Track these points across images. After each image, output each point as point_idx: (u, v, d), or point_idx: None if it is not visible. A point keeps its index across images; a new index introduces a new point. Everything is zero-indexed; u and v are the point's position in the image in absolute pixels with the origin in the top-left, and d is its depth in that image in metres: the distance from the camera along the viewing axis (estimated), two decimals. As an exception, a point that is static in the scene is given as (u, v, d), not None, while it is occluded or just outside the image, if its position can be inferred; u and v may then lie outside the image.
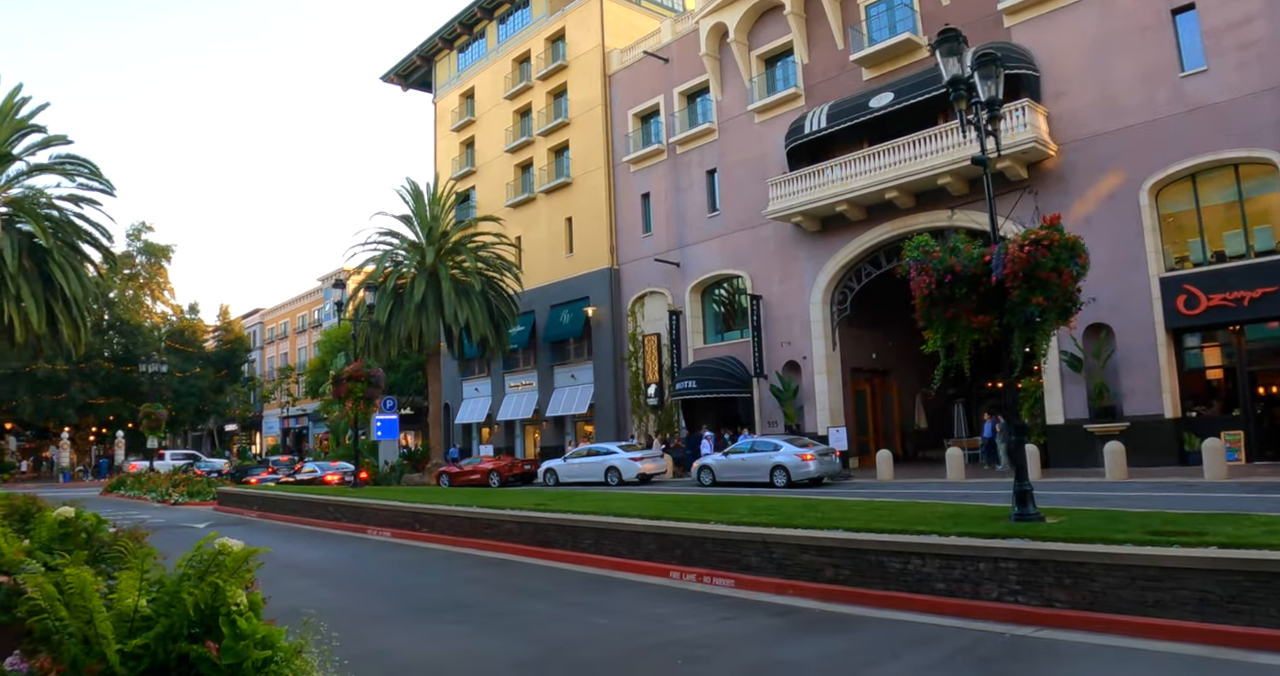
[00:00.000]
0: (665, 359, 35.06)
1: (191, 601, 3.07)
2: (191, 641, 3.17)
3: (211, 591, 3.15)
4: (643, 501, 15.01)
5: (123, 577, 3.30)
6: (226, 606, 3.20)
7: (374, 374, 23.42)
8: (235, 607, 3.23)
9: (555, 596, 9.99)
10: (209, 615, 3.19)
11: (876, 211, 28.59)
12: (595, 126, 39.42)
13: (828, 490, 22.00)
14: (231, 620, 3.21)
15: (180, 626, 3.10)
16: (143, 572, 3.25)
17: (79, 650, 3.06)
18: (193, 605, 3.07)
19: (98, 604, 3.03)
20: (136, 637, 3.07)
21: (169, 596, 3.23)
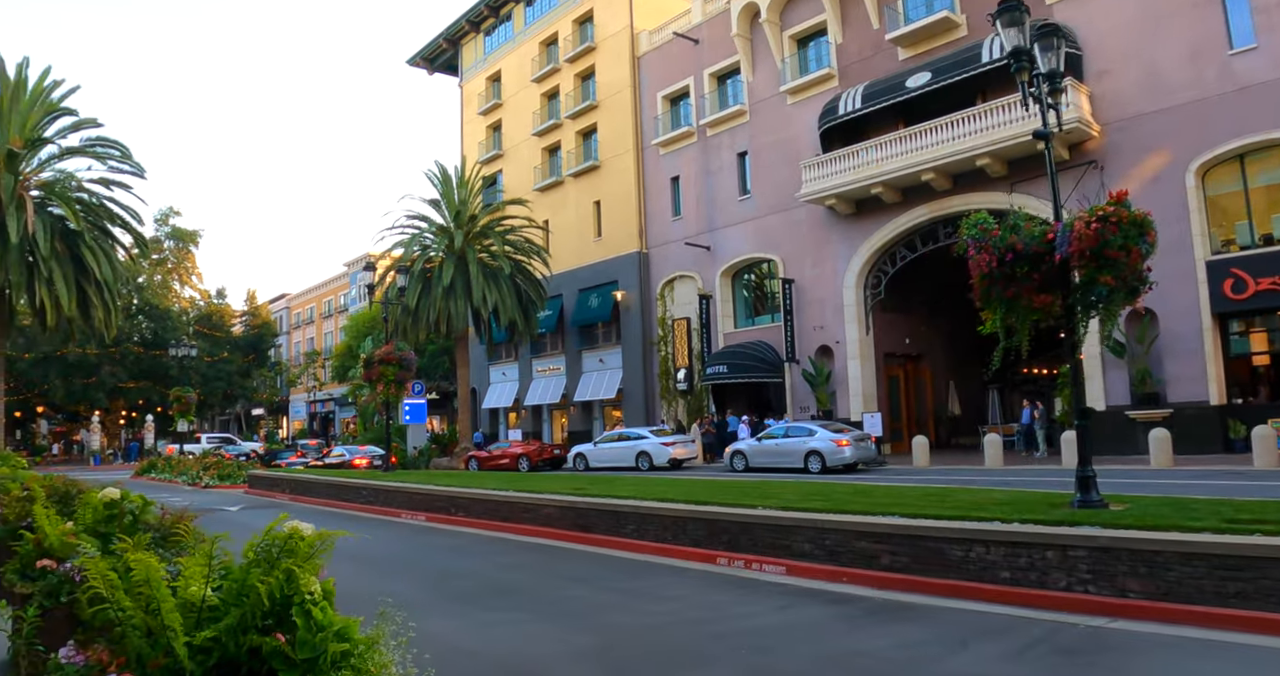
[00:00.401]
0: (695, 343, 34.73)
1: (265, 590, 2.79)
2: (262, 633, 2.90)
3: (285, 579, 2.87)
4: (684, 486, 14.72)
5: (187, 563, 3.03)
6: (300, 595, 2.93)
7: (406, 357, 23.24)
8: (309, 596, 2.96)
9: (602, 582, 9.72)
10: (281, 605, 2.91)
11: (912, 194, 28.08)
12: (624, 109, 38.99)
13: (864, 476, 21.65)
14: (306, 610, 2.93)
15: (252, 617, 2.83)
16: (210, 559, 2.98)
17: (142, 643, 2.80)
18: (266, 594, 2.80)
19: (165, 593, 2.76)
20: (205, 629, 2.80)
21: (237, 584, 2.96)
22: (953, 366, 34.25)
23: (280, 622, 2.97)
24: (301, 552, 2.96)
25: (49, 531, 5.43)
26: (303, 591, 2.94)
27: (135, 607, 2.78)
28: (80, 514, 5.69)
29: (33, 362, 53.45)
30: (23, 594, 5.19)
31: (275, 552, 3.01)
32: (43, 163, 29.21)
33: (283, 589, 2.87)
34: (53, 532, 5.45)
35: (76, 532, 5.52)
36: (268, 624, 2.89)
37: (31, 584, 5.23)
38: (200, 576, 2.94)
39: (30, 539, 5.57)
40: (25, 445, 56.15)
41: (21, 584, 5.26)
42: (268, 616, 2.88)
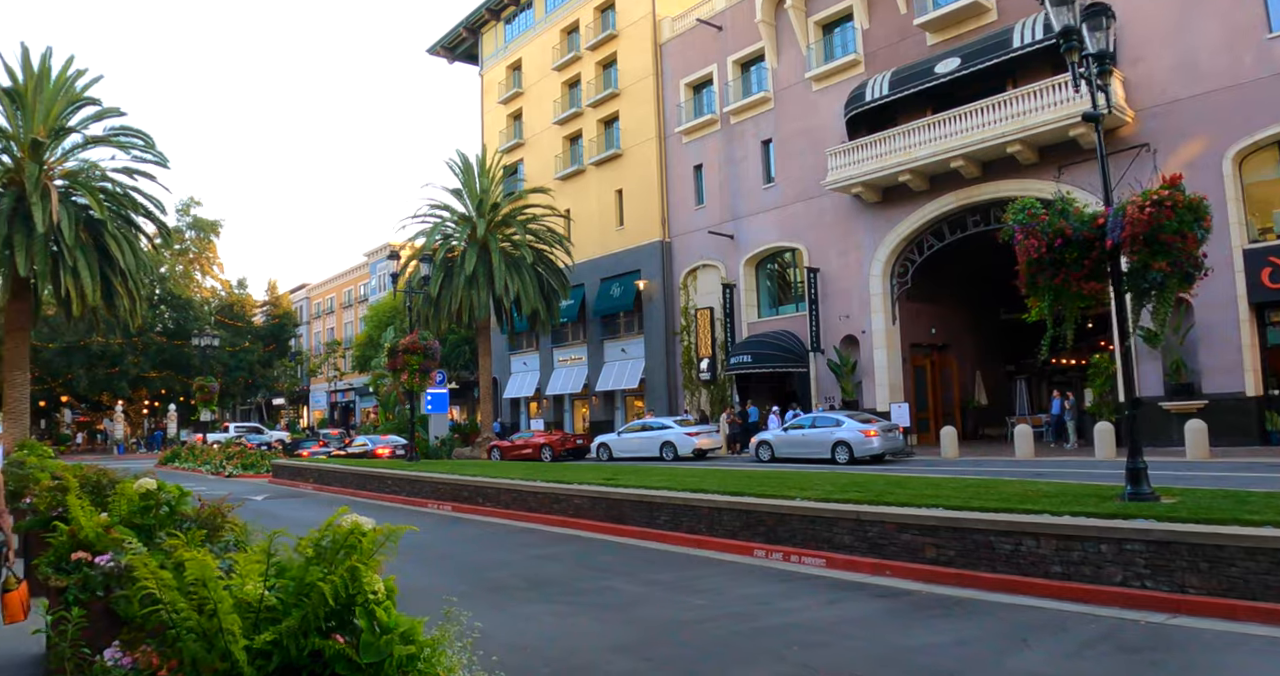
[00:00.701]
0: (718, 333, 34.47)
1: (330, 589, 2.58)
2: (322, 635, 2.70)
3: (349, 577, 2.66)
4: (715, 477, 14.50)
5: (241, 560, 2.83)
6: (364, 595, 2.72)
7: (430, 346, 23.09)
8: (372, 596, 2.75)
9: (639, 574, 9.51)
10: (343, 606, 2.71)
11: (941, 181, 27.69)
12: (646, 97, 38.67)
13: (892, 467, 21.36)
14: (370, 611, 2.73)
15: (314, 618, 2.62)
16: (269, 555, 2.77)
17: (198, 647, 2.59)
18: (331, 593, 2.59)
19: (223, 595, 2.56)
20: (264, 632, 2.60)
21: (295, 583, 2.75)
22: (979, 356, 33.85)
23: (341, 624, 2.77)
24: (365, 549, 2.75)
25: (84, 523, 5.26)
26: (366, 590, 2.74)
27: (190, 609, 2.58)
28: (115, 505, 5.52)
29: (57, 352, 53.73)
30: (57, 587, 5.03)
31: (336, 549, 2.80)
32: (66, 152, 29.15)
33: (346, 588, 2.66)
34: (88, 524, 5.28)
35: (112, 524, 5.36)
36: (330, 625, 2.69)
37: (66, 577, 5.06)
38: (257, 574, 2.73)
39: (64, 530, 5.41)
40: (50, 434, 56.55)
41: (56, 577, 5.10)
42: (330, 618, 2.67)
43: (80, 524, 5.28)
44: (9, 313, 28.25)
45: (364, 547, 2.75)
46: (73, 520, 5.38)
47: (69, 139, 28.95)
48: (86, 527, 5.23)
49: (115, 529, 5.21)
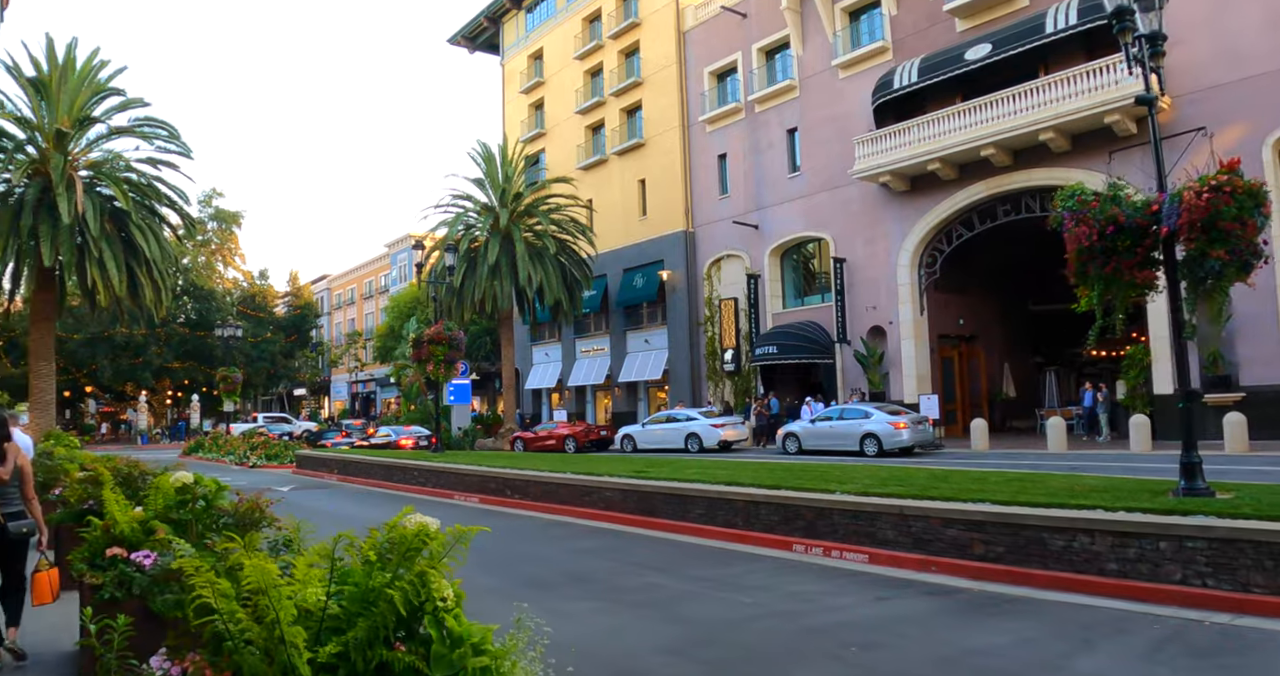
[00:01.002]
0: (743, 324, 34.17)
1: (400, 597, 2.37)
2: (388, 646, 2.48)
3: (419, 583, 2.45)
4: (748, 469, 14.25)
5: (300, 564, 2.61)
6: (433, 602, 2.50)
7: (455, 336, 22.93)
8: (442, 603, 2.54)
9: (678, 570, 9.29)
10: (411, 613, 2.49)
11: (970, 170, 27.26)
12: (669, 86, 38.33)
13: (922, 460, 21.06)
14: (439, 619, 2.51)
15: (383, 628, 2.41)
16: (333, 560, 2.55)
17: (256, 659, 2.38)
18: (402, 601, 2.37)
19: (286, 604, 2.35)
20: (328, 643, 2.38)
21: (359, 590, 2.54)
22: (1007, 348, 33.41)
23: (409, 634, 2.55)
24: (435, 552, 2.53)
25: (119, 518, 5.08)
26: (435, 597, 2.52)
27: (249, 619, 2.36)
28: (150, 499, 5.35)
29: (81, 343, 54.02)
30: (92, 584, 4.85)
31: (402, 551, 2.58)
32: (91, 143, 29.10)
33: (416, 595, 2.44)
34: (123, 519, 5.11)
35: (148, 519, 5.18)
36: (400, 635, 2.47)
37: (101, 573, 4.89)
38: (317, 580, 2.52)
39: (99, 525, 5.24)
40: (75, 424, 56.91)
41: (91, 573, 4.92)
42: (399, 627, 2.46)
43: (115, 519, 5.10)
44: (34, 303, 28.30)
45: (434, 550, 2.53)
46: (107, 515, 5.21)
47: (93, 130, 28.91)
48: (122, 523, 5.05)
49: (151, 524, 5.03)
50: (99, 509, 7.68)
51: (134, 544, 4.98)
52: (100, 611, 4.74)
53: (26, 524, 6.23)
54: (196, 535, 5.24)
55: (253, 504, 5.31)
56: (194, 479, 5.30)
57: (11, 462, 6.16)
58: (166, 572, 4.06)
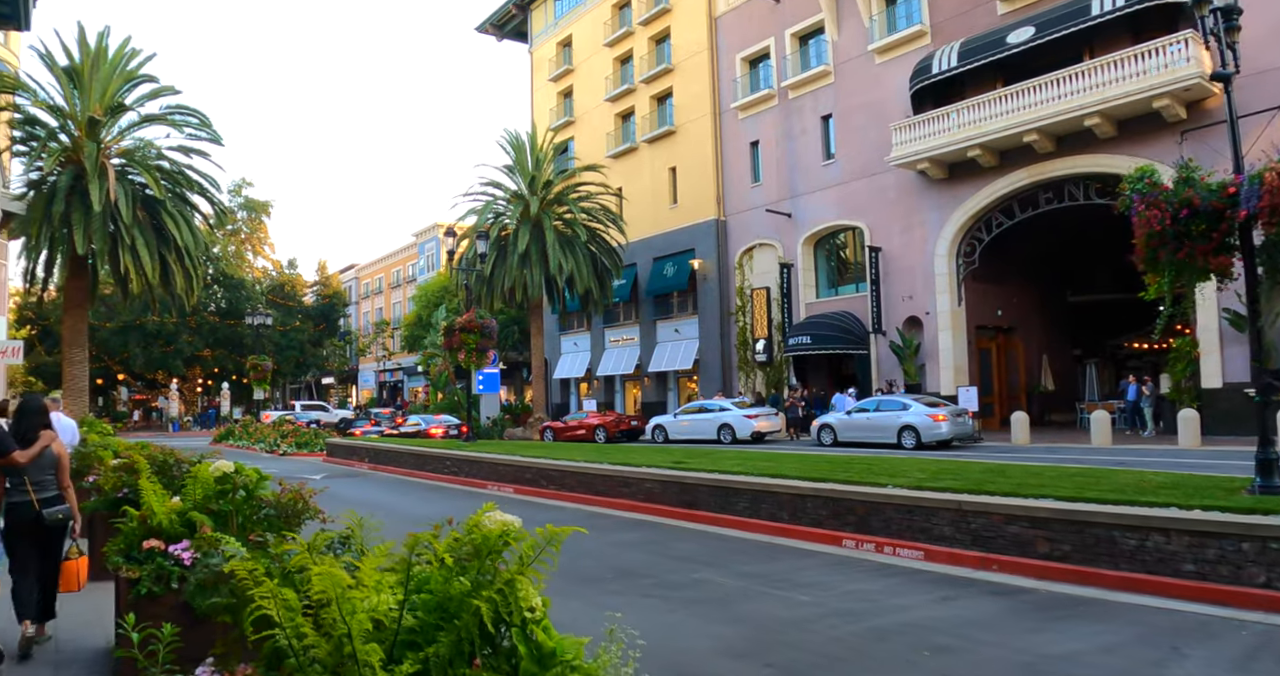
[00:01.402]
0: (775, 313, 33.72)
1: (488, 609, 2.04)
2: (468, 663, 2.15)
3: (507, 592, 2.12)
4: (792, 461, 13.87)
5: (366, 567, 2.29)
6: (520, 613, 2.17)
7: (487, 324, 22.66)
8: (530, 614, 2.21)
9: (728, 565, 8.94)
10: (495, 625, 2.16)
11: (1011, 157, 26.66)
12: (700, 72, 37.84)
13: (962, 453, 20.58)
14: (528, 633, 2.18)
15: (465, 643, 2.08)
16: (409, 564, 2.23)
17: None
18: (489, 613, 2.04)
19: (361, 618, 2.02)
20: (404, 661, 2.06)
21: (437, 598, 2.21)
22: (1045, 339, 32.75)
23: (492, 647, 2.22)
24: (523, 555, 2.20)
25: (157, 509, 4.81)
26: (523, 608, 2.18)
27: (317, 634, 2.04)
28: (189, 488, 5.07)
29: (114, 331, 54.36)
30: (129, 578, 4.58)
31: (482, 555, 2.25)
32: (123, 130, 29.05)
33: (505, 605, 2.11)
34: (160, 510, 4.82)
35: (186, 510, 4.90)
36: (483, 652, 2.14)
37: (138, 567, 4.61)
38: (390, 586, 2.19)
39: (135, 516, 4.96)
40: (107, 412, 57.32)
41: (128, 566, 4.65)
42: (484, 641, 2.13)
43: (153, 509, 4.83)
44: (68, 291, 28.35)
45: (522, 553, 2.20)
46: (144, 505, 4.93)
47: (125, 117, 28.84)
48: (159, 514, 4.78)
49: (191, 515, 4.74)
50: (134, 498, 7.44)
51: (172, 536, 4.71)
52: (137, 609, 4.47)
53: (62, 510, 6.20)
54: (237, 527, 4.96)
55: (295, 494, 5.02)
56: (234, 468, 5.02)
57: (38, 448, 6.14)
58: (216, 576, 3.76)
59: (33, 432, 6.23)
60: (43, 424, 6.34)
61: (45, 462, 6.23)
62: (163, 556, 4.60)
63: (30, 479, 6.07)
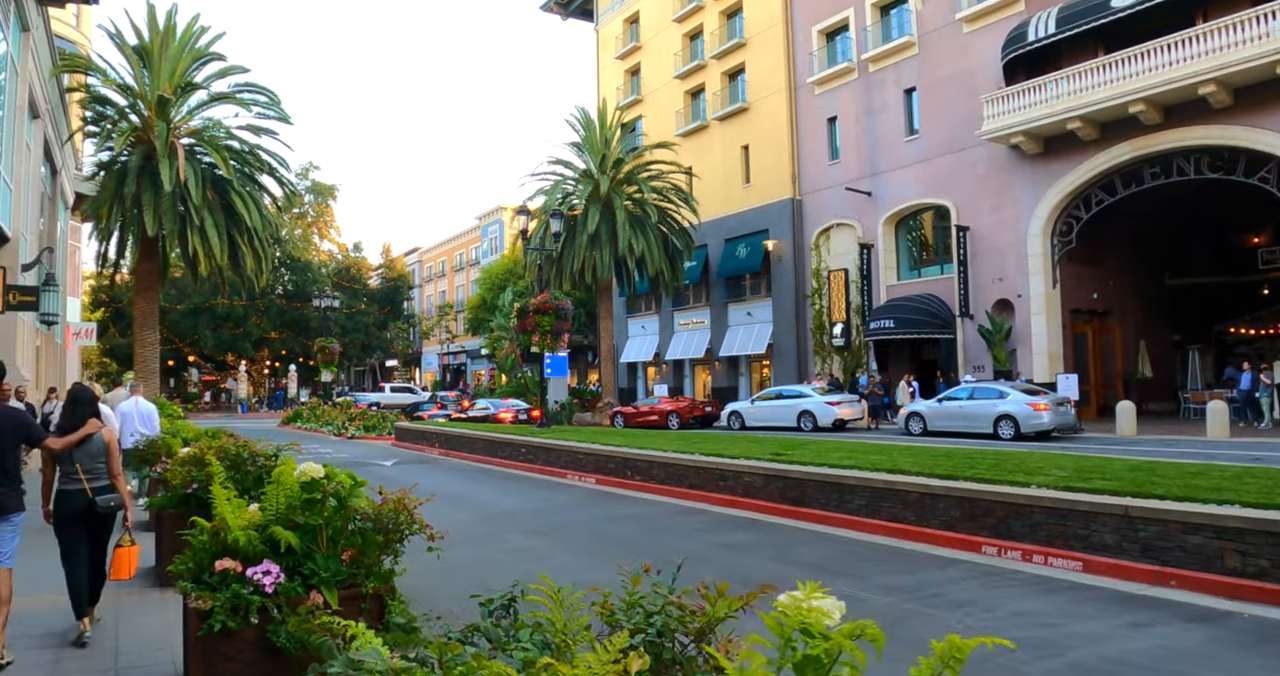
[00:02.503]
0: (853, 296, 32.40)
1: None
2: None
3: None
4: (908, 454, 12.72)
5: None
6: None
7: (562, 306, 21.82)
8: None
9: (862, 576, 7.89)
10: None
11: (1114, 129, 25.00)
12: (774, 46, 36.47)
13: (1066, 444, 19.23)
14: None
15: None
16: None
17: None
18: None
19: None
20: None
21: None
22: (1143, 325, 30.94)
23: None
24: None
25: (232, 523, 3.93)
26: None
27: None
28: (269, 496, 4.19)
29: (184, 314, 54.95)
30: (199, 609, 3.70)
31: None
32: (192, 110, 28.76)
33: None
34: (236, 523, 3.95)
35: (265, 523, 4.02)
36: None
37: (211, 594, 3.74)
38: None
39: (205, 527, 4.09)
40: (178, 393, 58.04)
41: (198, 592, 3.78)
42: None
43: (227, 523, 3.95)
44: (139, 273, 28.20)
45: None
46: (217, 515, 4.06)
47: (194, 97, 28.54)
48: (235, 529, 3.90)
49: (272, 531, 3.87)
50: (204, 496, 6.66)
51: (250, 556, 3.85)
52: (208, 646, 3.60)
53: (114, 498, 6.22)
54: (326, 542, 4.08)
55: (398, 504, 4.13)
56: (324, 472, 4.12)
57: (77, 436, 6.13)
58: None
59: (82, 422, 6.23)
60: (92, 413, 6.35)
61: (95, 450, 6.22)
62: (239, 581, 3.74)
63: (83, 467, 6.10)
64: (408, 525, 4.08)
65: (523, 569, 8.22)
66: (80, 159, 34.61)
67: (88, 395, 6.49)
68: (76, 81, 29.22)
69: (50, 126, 24.97)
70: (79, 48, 32.90)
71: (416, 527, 4.10)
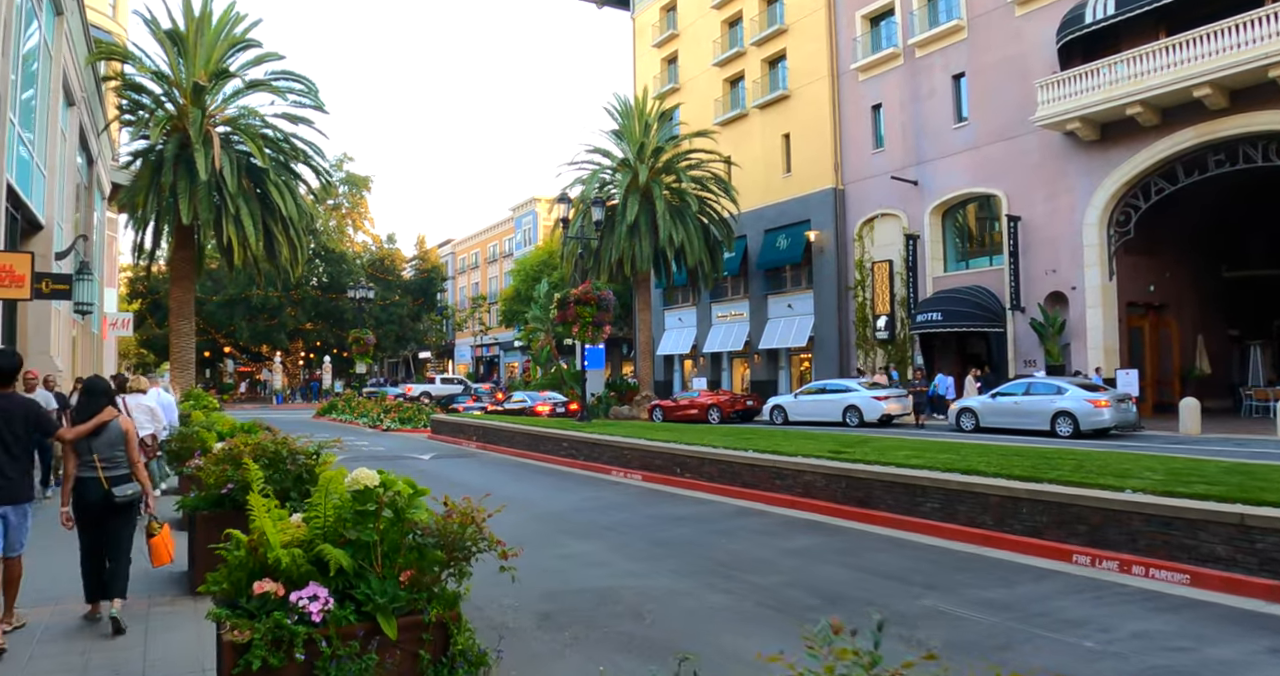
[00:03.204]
0: (898, 288, 31.55)
1: None
2: None
3: None
4: (977, 452, 11.99)
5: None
6: None
7: (604, 296, 21.21)
8: None
9: (952, 589, 7.20)
10: None
11: (1176, 114, 23.98)
12: (817, 32, 35.61)
13: (1127, 443, 18.40)
14: None
15: None
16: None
17: None
18: None
19: None
20: None
21: None
22: (1200, 318, 29.83)
23: None
24: None
25: (273, 539, 3.36)
26: None
27: None
28: (317, 506, 3.61)
29: (220, 305, 55.06)
30: (234, 642, 3.13)
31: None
32: (227, 98, 28.49)
33: None
34: (277, 540, 3.38)
35: (311, 539, 3.44)
36: None
37: (249, 622, 3.16)
38: None
39: (242, 542, 3.52)
40: (213, 384, 58.19)
41: (234, 621, 3.20)
42: None
43: (267, 536, 3.38)
44: (174, 262, 28.01)
45: None
46: (256, 530, 3.48)
47: (229, 85, 28.24)
48: (275, 545, 3.33)
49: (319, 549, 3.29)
50: (240, 497, 6.12)
51: (294, 578, 3.27)
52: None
53: (132, 487, 6.15)
54: (381, 560, 3.50)
55: (465, 516, 3.53)
56: (378, 480, 3.53)
57: (90, 425, 6.05)
58: None
59: (98, 413, 6.17)
60: (108, 403, 6.30)
61: (113, 439, 6.16)
62: (281, 607, 3.17)
63: (100, 456, 6.04)
64: (476, 541, 3.50)
65: (584, 578, 7.65)
66: (117, 149, 34.48)
67: (102, 386, 6.49)
68: (113, 70, 29.03)
69: (86, 114, 24.72)
70: (115, 38, 32.71)
71: (486, 544, 3.51)
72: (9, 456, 5.64)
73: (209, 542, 6.45)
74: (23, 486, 5.73)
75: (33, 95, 16.95)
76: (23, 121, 15.62)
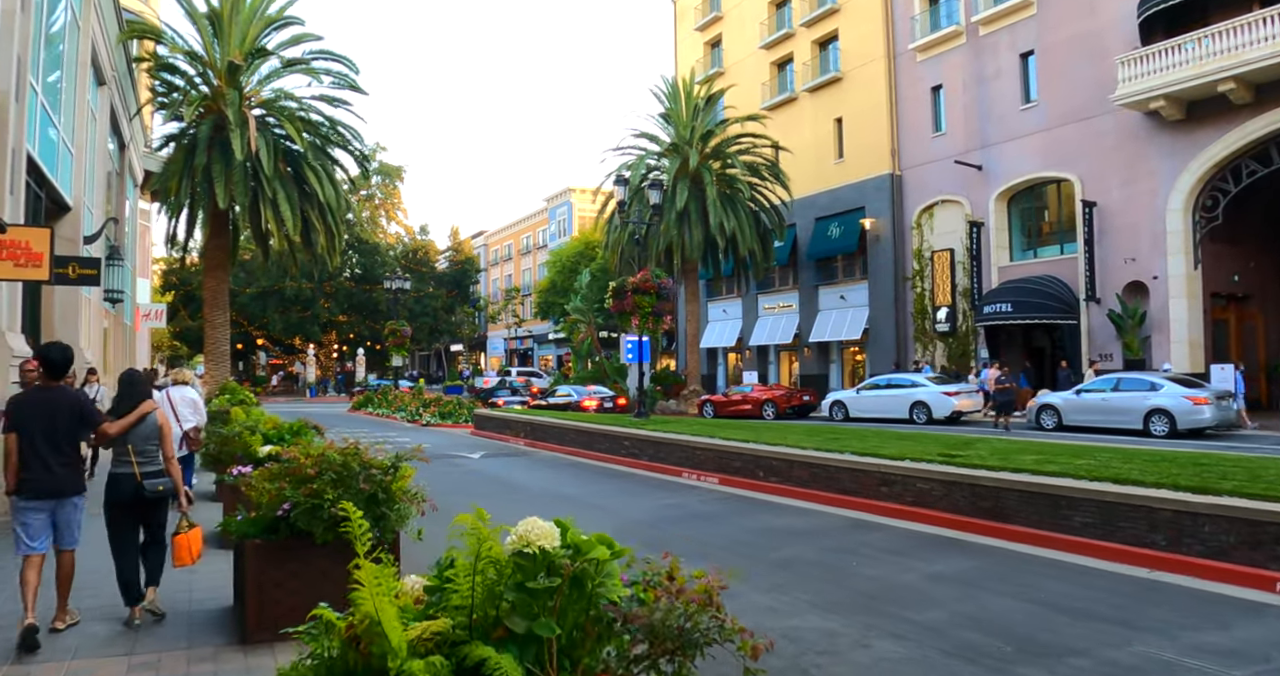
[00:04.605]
0: (960, 278, 30.02)
1: None
2: None
3: None
4: (1120, 456, 10.57)
5: None
6: None
7: (664, 285, 19.91)
8: None
9: (1159, 631, 5.85)
10: None
11: (1272, 91, 22.35)
12: (871, 10, 34.08)
13: (1228, 443, 16.88)
14: None
15: None
16: None
17: None
18: None
19: None
20: None
21: None
22: (1285, 310, 28.08)
23: None
24: None
25: (394, 637, 2.07)
26: None
27: None
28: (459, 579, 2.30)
29: (253, 297, 54.36)
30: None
31: None
32: (263, 79, 27.45)
33: None
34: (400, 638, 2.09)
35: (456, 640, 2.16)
36: None
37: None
38: None
39: (339, 630, 2.24)
40: (247, 376, 57.55)
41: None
42: None
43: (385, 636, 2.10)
44: (208, 251, 27.04)
45: None
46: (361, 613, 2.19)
47: (265, 65, 27.19)
48: (398, 646, 2.05)
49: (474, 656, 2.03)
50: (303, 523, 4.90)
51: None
52: None
53: (163, 482, 6.04)
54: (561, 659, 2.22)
55: (702, 599, 2.26)
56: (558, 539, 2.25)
57: (131, 419, 5.95)
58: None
59: (137, 405, 6.06)
60: (146, 395, 6.20)
61: (148, 432, 6.05)
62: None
63: (135, 449, 5.95)
64: (711, 630, 2.24)
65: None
66: (150, 136, 33.63)
67: (139, 377, 6.41)
68: (145, 50, 28.05)
69: (117, 96, 23.75)
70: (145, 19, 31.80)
71: (719, 635, 2.25)
72: (54, 450, 5.60)
73: (261, 576, 5.26)
74: (70, 479, 5.71)
75: (59, 74, 15.91)
76: (48, 95, 14.57)
